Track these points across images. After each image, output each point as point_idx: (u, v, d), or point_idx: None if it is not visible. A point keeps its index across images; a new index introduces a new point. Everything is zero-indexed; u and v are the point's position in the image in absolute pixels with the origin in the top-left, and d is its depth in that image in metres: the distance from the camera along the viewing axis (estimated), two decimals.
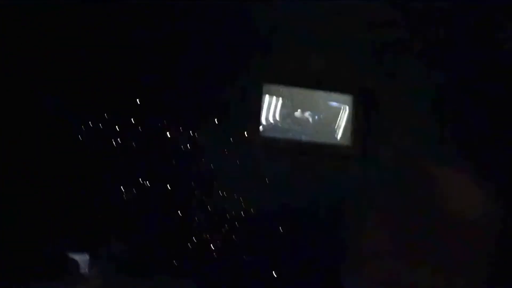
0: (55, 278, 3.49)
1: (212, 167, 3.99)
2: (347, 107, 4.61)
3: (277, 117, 4.54)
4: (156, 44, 3.87)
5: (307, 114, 4.57)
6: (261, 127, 4.44)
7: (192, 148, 3.95)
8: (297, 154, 4.47)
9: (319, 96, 4.56)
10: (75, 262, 3.62)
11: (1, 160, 3.40)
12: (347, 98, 4.63)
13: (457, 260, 1.03)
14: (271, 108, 4.56)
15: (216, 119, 4.19)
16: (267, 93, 4.52)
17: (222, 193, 4.02)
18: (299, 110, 4.56)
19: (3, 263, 3.41)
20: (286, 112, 4.55)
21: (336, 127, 4.61)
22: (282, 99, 4.54)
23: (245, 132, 4.34)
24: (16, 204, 3.55)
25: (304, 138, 4.52)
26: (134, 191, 3.73)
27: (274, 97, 4.55)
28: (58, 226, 3.59)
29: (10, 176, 3.47)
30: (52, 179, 3.61)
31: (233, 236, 3.88)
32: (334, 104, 4.61)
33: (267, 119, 4.52)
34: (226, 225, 3.90)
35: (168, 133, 3.89)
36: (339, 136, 4.60)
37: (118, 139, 3.76)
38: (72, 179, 3.63)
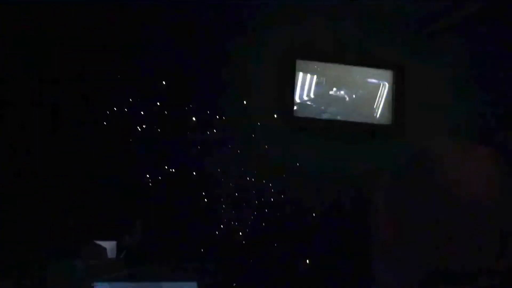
0: (81, 264, 3.43)
1: (240, 151, 3.81)
2: (387, 84, 4.32)
3: (311, 96, 4.29)
4: (178, 23, 3.69)
5: (343, 92, 4.30)
6: (294, 107, 4.22)
7: (219, 131, 3.78)
8: (332, 135, 4.23)
9: (356, 72, 4.26)
10: (103, 249, 3.55)
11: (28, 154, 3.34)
12: (387, 74, 4.33)
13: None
14: (305, 87, 4.31)
15: (245, 100, 3.99)
16: (300, 71, 4.28)
17: (251, 178, 3.85)
18: (334, 88, 4.29)
19: (28, 249, 3.37)
20: (321, 90, 4.29)
21: (375, 106, 4.32)
22: (316, 77, 4.29)
23: (276, 113, 4.13)
24: (44, 194, 3.49)
25: (340, 118, 4.26)
26: (159, 178, 3.60)
27: (308, 75, 4.30)
28: (83, 213, 3.52)
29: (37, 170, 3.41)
30: (76, 166, 3.53)
31: (262, 223, 3.72)
32: (372, 81, 4.31)
33: (300, 98, 4.28)
34: (254, 212, 3.74)
35: (194, 117, 3.73)
36: (378, 115, 4.32)
37: (143, 124, 3.63)
38: (96, 166, 3.53)
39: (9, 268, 3.18)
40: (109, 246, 3.66)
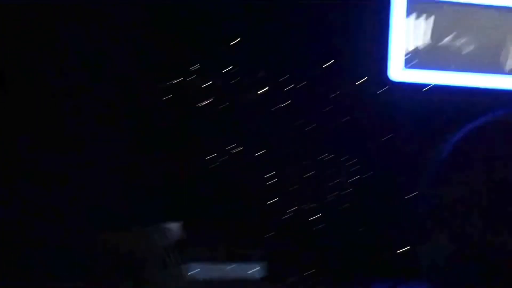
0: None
1: (317, 125, 3.29)
2: None
3: (422, 46, 3.46)
4: None
5: (462, 40, 3.39)
6: (401, 61, 3.46)
7: (293, 102, 3.28)
8: (450, 95, 3.42)
9: (479, 15, 3.31)
10: (173, 230, 3.46)
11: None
12: None
13: None
14: (415, 34, 3.48)
15: (331, 58, 3.38)
16: (410, 13, 3.46)
17: (337, 157, 3.33)
18: (451, 34, 3.40)
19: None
20: (434, 38, 3.43)
21: (503, 57, 3.35)
22: (428, 21, 3.42)
23: (376, 69, 3.43)
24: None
25: (459, 72, 3.41)
26: (221, 159, 3.31)
27: (419, 19, 3.45)
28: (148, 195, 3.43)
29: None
30: (132, 147, 3.40)
31: (340, 206, 3.24)
32: (501, 25, 3.32)
33: (409, 49, 3.49)
34: (333, 193, 3.27)
35: (261, 88, 3.28)
36: (508, 68, 3.35)
37: (203, 98, 3.30)
38: (150, 146, 3.35)
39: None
40: (176, 227, 3.56)
